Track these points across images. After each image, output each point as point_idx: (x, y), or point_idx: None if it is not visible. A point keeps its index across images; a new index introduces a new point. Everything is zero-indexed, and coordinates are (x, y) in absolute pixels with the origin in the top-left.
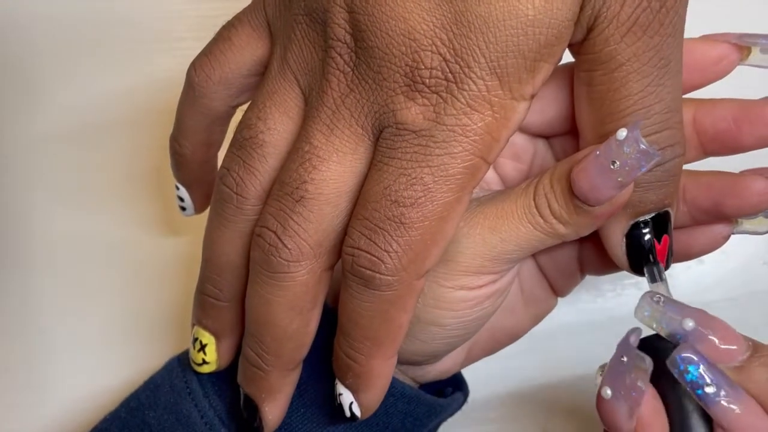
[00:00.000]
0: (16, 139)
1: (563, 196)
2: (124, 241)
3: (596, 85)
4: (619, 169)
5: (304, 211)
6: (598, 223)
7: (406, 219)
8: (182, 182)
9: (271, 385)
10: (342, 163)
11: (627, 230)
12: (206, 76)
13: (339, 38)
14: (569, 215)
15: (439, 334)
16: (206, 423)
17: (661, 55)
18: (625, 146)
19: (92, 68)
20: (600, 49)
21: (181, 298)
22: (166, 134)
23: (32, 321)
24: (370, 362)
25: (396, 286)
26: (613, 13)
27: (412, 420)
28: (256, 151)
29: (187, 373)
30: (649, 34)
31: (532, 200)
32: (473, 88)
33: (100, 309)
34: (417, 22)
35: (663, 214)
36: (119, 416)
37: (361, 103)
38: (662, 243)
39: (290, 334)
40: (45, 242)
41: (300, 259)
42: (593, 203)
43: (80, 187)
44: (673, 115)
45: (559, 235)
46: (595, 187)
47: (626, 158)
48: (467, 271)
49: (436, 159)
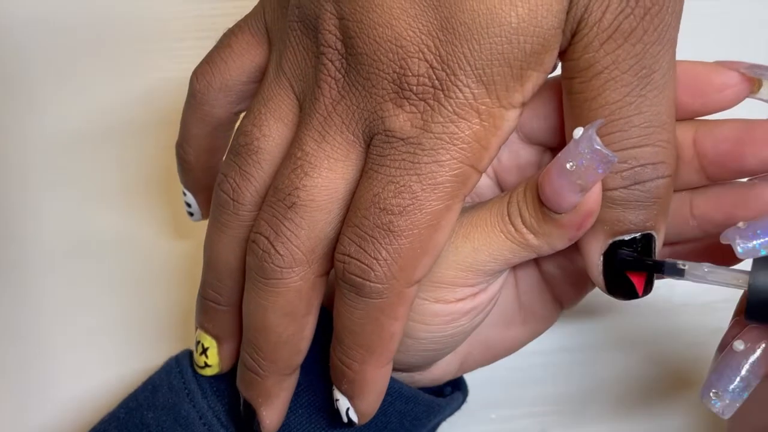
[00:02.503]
0: (20, 142)
1: (533, 204)
2: (130, 244)
3: (575, 93)
4: (576, 170)
5: (296, 217)
6: (568, 234)
7: (394, 227)
8: (188, 188)
9: (268, 390)
10: (333, 169)
11: (605, 249)
12: (207, 83)
13: (330, 45)
14: (538, 224)
15: (414, 347)
16: (204, 424)
17: (642, 64)
18: (580, 146)
19: (94, 70)
20: (579, 56)
21: (183, 301)
22: (170, 136)
23: (33, 322)
24: (363, 369)
25: (386, 293)
26: (594, 19)
27: (411, 419)
28: (252, 157)
29: (186, 374)
30: (631, 41)
31: (506, 209)
32: (460, 95)
33: (101, 310)
34: (403, 29)
35: (645, 236)
36: (118, 417)
37: (352, 110)
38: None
39: (285, 340)
40: (49, 244)
41: (293, 266)
42: (556, 209)
43: (85, 190)
44: (655, 131)
45: (530, 246)
46: (556, 191)
47: (581, 158)
48: (441, 281)
49: (425, 167)
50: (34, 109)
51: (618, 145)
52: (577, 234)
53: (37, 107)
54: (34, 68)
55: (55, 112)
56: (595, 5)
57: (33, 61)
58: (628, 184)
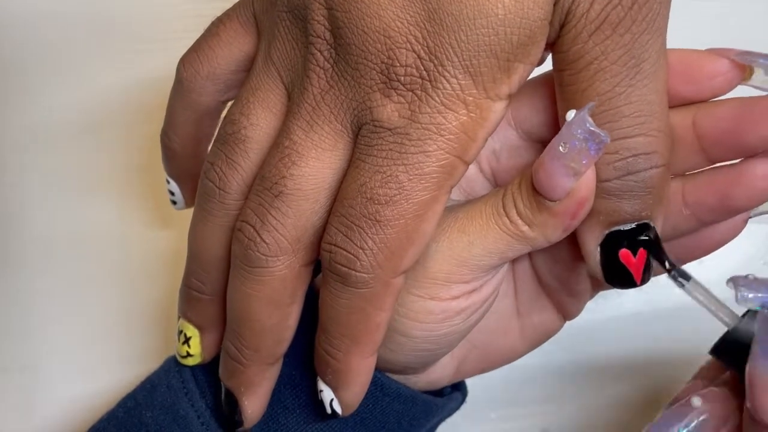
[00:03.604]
0: (9, 136)
1: (527, 194)
2: (118, 238)
3: (566, 85)
4: (568, 152)
5: (283, 206)
6: (563, 224)
7: (381, 216)
8: (172, 176)
9: (250, 379)
10: (321, 159)
11: (601, 240)
12: (194, 71)
13: (318, 35)
14: (533, 214)
15: (407, 345)
16: (203, 423)
17: (632, 54)
18: (573, 127)
19: (87, 66)
20: (568, 48)
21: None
22: (158, 131)
23: (25, 320)
24: (348, 359)
25: (372, 283)
26: (582, 10)
27: (409, 420)
28: (239, 146)
29: (184, 374)
30: (619, 32)
31: (500, 200)
32: (447, 86)
33: (96, 308)
34: (391, 20)
35: (642, 226)
36: (116, 416)
37: (340, 100)
38: (638, 257)
39: (269, 329)
40: (37, 240)
41: (278, 254)
42: (550, 195)
43: (73, 185)
44: (647, 120)
45: (526, 237)
46: (549, 176)
47: (573, 139)
48: (436, 277)
49: (411, 157)
50: (26, 106)
51: (611, 136)
52: (571, 223)
53: (30, 104)
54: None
55: (49, 108)
56: None
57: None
58: (621, 174)
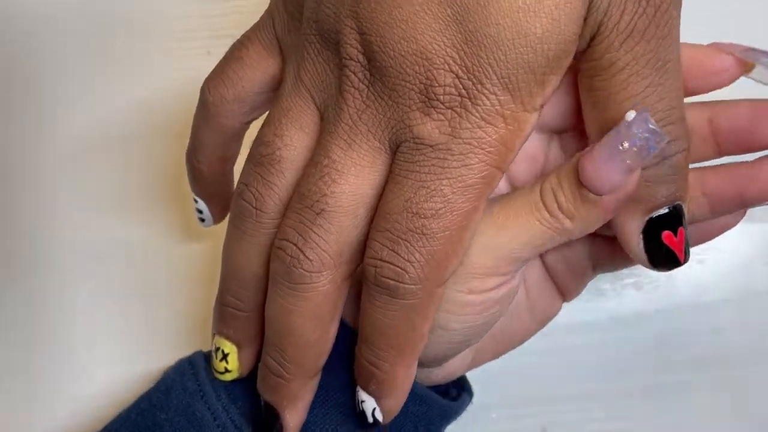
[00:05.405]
0: (39, 148)
1: (570, 189)
2: (144, 248)
3: (599, 90)
4: (628, 150)
5: (325, 223)
6: (605, 216)
7: (427, 230)
8: (200, 196)
9: (293, 392)
10: (360, 176)
11: (643, 227)
12: (221, 95)
13: (352, 57)
14: (576, 208)
15: (444, 338)
16: (219, 425)
17: (658, 56)
18: (634, 127)
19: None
20: (601, 56)
21: (197, 304)
22: (181, 140)
23: (50, 325)
24: (394, 369)
25: (419, 294)
26: (613, 22)
27: (425, 424)
28: (274, 166)
29: (200, 376)
30: (646, 38)
31: (539, 196)
32: (486, 103)
33: (118, 314)
34: (428, 42)
35: (677, 207)
36: (130, 418)
37: (378, 119)
38: (679, 236)
39: (312, 343)
40: (66, 250)
41: (322, 270)
42: (599, 189)
43: (102, 195)
44: (673, 111)
45: (566, 230)
46: (603, 172)
47: (635, 138)
48: (477, 272)
49: (454, 171)
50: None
51: None
52: (612, 215)
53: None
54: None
55: (62, 117)
56: (614, 9)
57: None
58: (658, 161)
